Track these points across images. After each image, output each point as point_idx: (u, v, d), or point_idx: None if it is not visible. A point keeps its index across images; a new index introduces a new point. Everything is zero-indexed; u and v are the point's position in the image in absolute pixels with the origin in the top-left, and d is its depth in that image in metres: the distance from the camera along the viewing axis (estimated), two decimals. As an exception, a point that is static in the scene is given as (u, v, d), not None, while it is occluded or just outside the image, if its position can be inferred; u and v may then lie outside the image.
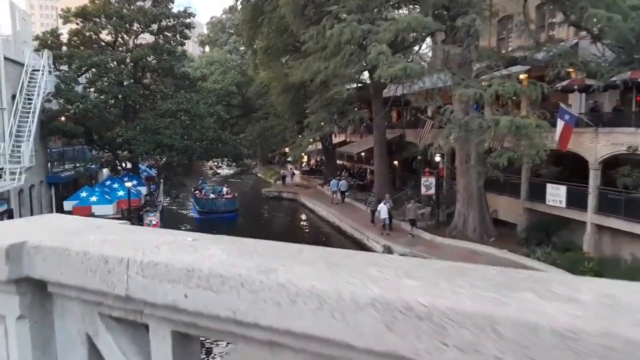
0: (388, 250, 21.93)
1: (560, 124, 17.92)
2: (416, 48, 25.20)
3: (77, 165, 29.15)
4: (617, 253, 18.37)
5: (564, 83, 19.80)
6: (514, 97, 19.36)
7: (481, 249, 20.99)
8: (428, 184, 24.43)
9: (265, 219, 36.47)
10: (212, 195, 33.37)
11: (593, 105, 21.24)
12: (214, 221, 30.83)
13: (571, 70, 19.73)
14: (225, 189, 35.17)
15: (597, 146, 18.70)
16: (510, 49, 24.53)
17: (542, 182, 21.55)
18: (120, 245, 1.17)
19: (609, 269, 16.39)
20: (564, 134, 17.80)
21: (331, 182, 36.27)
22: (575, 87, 20.13)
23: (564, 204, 19.97)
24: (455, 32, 18.95)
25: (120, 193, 22.64)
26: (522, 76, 21.99)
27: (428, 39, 25.15)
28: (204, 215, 32.06)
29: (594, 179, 18.95)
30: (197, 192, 35.00)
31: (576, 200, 19.61)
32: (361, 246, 25.54)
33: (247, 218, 33.04)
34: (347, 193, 36.16)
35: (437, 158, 24.47)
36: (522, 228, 21.89)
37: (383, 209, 24.15)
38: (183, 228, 30.70)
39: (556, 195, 20.33)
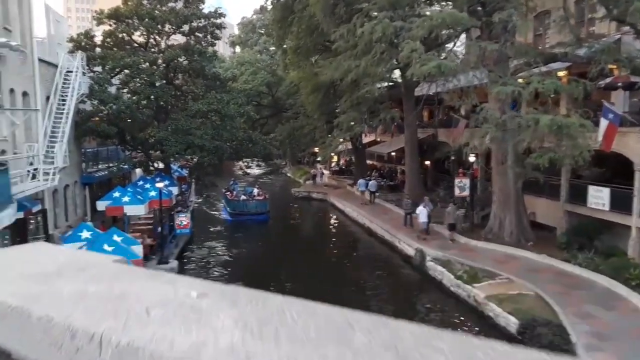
0: (420, 254, 21.37)
1: (603, 123, 17.02)
2: (450, 45, 24.50)
3: (111, 165, 29.56)
4: (666, 259, 17.39)
5: (607, 80, 18.86)
6: (553, 96, 18.57)
7: (518, 253, 20.21)
8: (462, 186, 23.70)
9: (294, 220, 36.30)
10: (243, 197, 33.16)
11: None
12: (245, 223, 30.71)
13: (614, 67, 18.77)
14: (256, 190, 34.97)
15: (643, 146, 17.74)
16: (547, 45, 23.60)
17: (583, 184, 20.61)
18: (99, 305, 0.85)
19: (657, 277, 15.53)
20: (607, 134, 16.89)
21: (359, 182, 36.06)
22: (619, 84, 19.17)
23: (607, 207, 19.02)
24: (491, 28, 18.26)
25: (152, 193, 22.69)
26: (561, 73, 21.09)
27: (461, 36, 24.47)
28: (235, 217, 31.91)
29: (639, 181, 17.99)
30: (228, 193, 34.88)
31: (620, 202, 18.63)
32: (392, 249, 25.03)
33: (276, 219, 32.90)
34: (377, 194, 35.69)
35: (472, 158, 23.70)
36: (562, 232, 20.98)
37: (422, 213, 23.05)
38: (214, 230, 30.80)
39: (599, 197, 19.39)
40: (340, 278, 21.24)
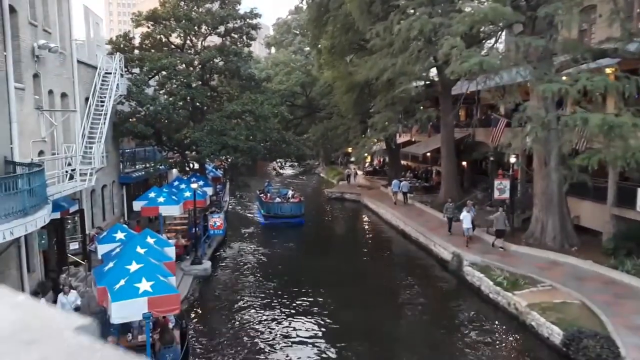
0: (457, 259, 20.68)
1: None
2: (492, 41, 23.64)
3: (147, 165, 29.92)
4: None
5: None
6: (602, 93, 17.59)
7: (562, 259, 19.29)
8: (502, 188, 22.82)
9: (327, 222, 35.92)
10: (277, 199, 32.62)
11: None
12: (279, 226, 30.33)
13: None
14: (291, 192, 34.38)
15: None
16: (592, 40, 22.49)
17: (632, 186, 19.48)
18: None
19: None
20: (661, 134, 15.86)
21: (393, 182, 35.66)
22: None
23: (659, 211, 17.92)
24: (535, 22, 17.44)
25: (187, 194, 22.76)
26: (608, 70, 20.04)
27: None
28: (269, 220, 31.36)
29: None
30: (262, 195, 34.41)
31: (674, 207, 17.53)
32: (427, 252, 24.38)
33: (309, 220, 32.54)
34: (411, 195, 35.04)
35: (512, 159, 22.79)
36: (609, 237, 19.88)
37: (466, 218, 21.77)
38: (247, 232, 30.79)
39: (649, 201, 18.28)
40: (373, 282, 20.77)
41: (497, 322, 16.27)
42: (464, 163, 35.32)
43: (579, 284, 16.66)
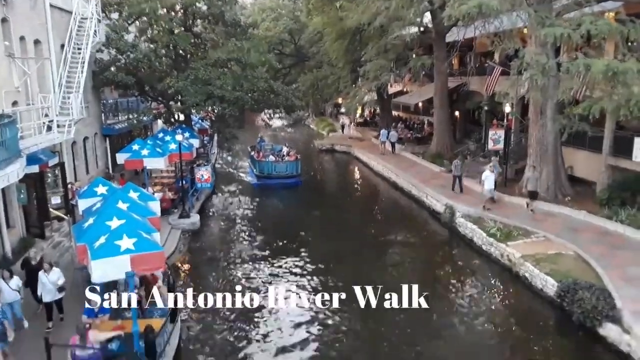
0: (450, 210, 20.40)
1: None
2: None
3: (131, 117, 28.85)
4: None
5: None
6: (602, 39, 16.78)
7: (556, 210, 19.09)
8: (496, 138, 22.31)
9: (318, 175, 35.36)
10: (271, 158, 30.09)
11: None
12: (274, 187, 28.32)
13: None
14: (286, 149, 31.73)
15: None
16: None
17: (629, 136, 19.04)
18: None
19: None
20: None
21: (381, 132, 35.44)
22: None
23: (655, 161, 17.56)
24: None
25: (172, 146, 21.94)
26: (610, 14, 19.17)
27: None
28: (262, 181, 29.13)
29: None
30: (255, 152, 31.88)
31: (671, 156, 17.16)
32: (420, 204, 24.11)
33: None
34: (403, 146, 34.61)
35: (507, 108, 22.14)
36: (603, 187, 19.61)
37: (489, 178, 19.50)
38: (236, 186, 30.12)
39: (646, 151, 17.87)
40: (364, 234, 20.53)
41: (489, 274, 16.15)
42: (457, 113, 34.66)
43: (573, 234, 16.49)
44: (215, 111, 29.02)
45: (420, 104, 39.33)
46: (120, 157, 21.00)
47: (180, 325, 12.19)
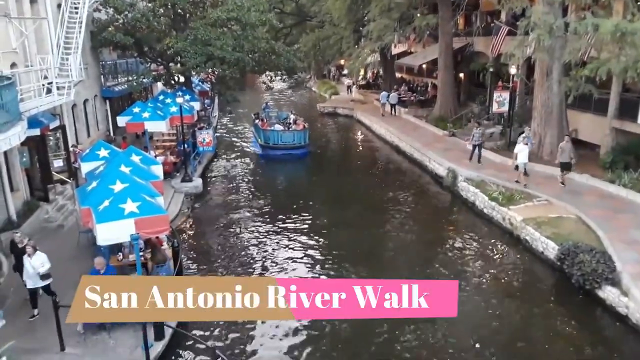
0: (452, 174, 20.38)
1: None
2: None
3: (130, 79, 28.47)
4: None
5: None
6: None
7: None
8: (501, 100, 22.05)
9: (321, 138, 35.08)
10: (277, 127, 27.94)
11: None
12: (280, 158, 26.78)
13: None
14: (292, 117, 29.88)
15: None
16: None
17: (635, 98, 18.81)
18: None
19: None
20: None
21: (382, 94, 35.21)
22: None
23: (661, 124, 17.41)
24: None
25: (173, 109, 21.69)
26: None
27: None
28: (267, 151, 27.31)
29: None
30: (259, 120, 29.88)
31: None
32: (422, 168, 24.07)
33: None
34: (406, 109, 34.28)
35: (513, 70, 21.78)
36: (607, 150, 19.51)
37: (523, 152, 17.84)
38: (239, 150, 29.89)
39: (652, 113, 17.69)
40: (367, 198, 20.58)
41: (490, 237, 16.26)
42: (461, 75, 34.13)
43: (576, 198, 16.51)
44: (216, 73, 28.58)
45: (424, 66, 38.67)
46: (121, 120, 20.86)
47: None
